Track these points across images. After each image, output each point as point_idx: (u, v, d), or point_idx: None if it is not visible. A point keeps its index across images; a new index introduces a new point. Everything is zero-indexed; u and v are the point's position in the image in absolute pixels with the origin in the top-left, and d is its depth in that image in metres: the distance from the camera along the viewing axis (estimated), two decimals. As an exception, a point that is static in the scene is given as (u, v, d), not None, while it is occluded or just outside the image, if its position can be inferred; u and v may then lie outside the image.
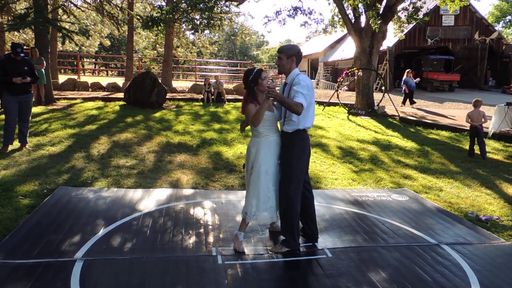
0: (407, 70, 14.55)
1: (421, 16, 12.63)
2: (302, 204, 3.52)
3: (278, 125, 3.55)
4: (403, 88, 14.42)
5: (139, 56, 24.60)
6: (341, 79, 13.93)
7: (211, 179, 5.55)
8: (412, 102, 14.59)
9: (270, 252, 3.41)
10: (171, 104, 12.41)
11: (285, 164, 3.41)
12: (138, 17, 14.39)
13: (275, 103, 3.49)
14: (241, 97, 15.10)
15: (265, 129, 3.42)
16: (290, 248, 3.43)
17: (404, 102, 14.69)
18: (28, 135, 6.53)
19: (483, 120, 7.47)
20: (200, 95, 14.12)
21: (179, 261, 3.20)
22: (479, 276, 3.14)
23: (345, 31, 13.69)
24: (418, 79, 15.25)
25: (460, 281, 3.05)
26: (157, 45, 25.24)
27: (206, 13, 10.62)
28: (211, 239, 3.63)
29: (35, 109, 9.16)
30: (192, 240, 3.57)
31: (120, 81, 17.02)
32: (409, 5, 12.70)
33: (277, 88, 3.29)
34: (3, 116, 6.48)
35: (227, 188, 5.24)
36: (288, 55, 3.39)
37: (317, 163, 6.61)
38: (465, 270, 3.24)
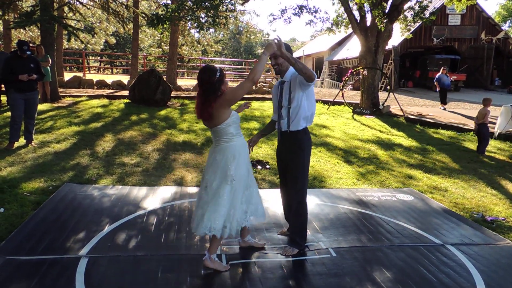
0: (442, 67, 14.18)
1: (427, 15, 12.55)
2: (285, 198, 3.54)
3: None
4: (436, 86, 13.66)
5: (144, 54, 24.66)
6: (346, 78, 13.89)
7: (216, 178, 5.55)
8: (443, 102, 13.69)
9: (276, 252, 3.39)
10: (176, 102, 12.42)
11: (296, 165, 3.31)
12: (144, 15, 14.42)
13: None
14: (246, 96, 15.08)
15: (238, 130, 3.05)
16: (300, 248, 3.41)
17: (443, 102, 13.73)
18: (34, 132, 6.57)
19: (484, 118, 7.51)
20: (204, 93, 14.11)
21: (184, 259, 3.20)
22: (484, 277, 3.12)
23: (350, 30, 13.62)
24: (454, 77, 14.40)
25: (465, 282, 3.03)
26: (162, 43, 25.29)
27: (212, 11, 10.61)
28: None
29: (40, 107, 9.21)
30: (196, 238, 3.57)
31: (125, 79, 17.08)
32: (415, 4, 12.63)
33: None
34: (9, 113, 6.52)
35: (231, 187, 5.23)
36: None
37: (322, 162, 6.59)
38: (470, 270, 3.22)
